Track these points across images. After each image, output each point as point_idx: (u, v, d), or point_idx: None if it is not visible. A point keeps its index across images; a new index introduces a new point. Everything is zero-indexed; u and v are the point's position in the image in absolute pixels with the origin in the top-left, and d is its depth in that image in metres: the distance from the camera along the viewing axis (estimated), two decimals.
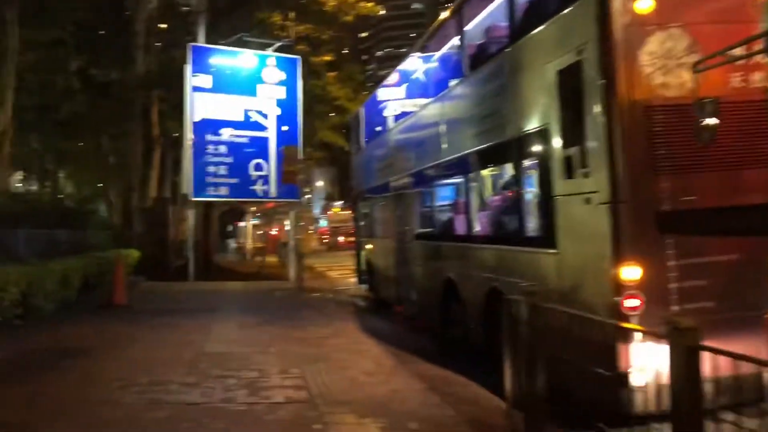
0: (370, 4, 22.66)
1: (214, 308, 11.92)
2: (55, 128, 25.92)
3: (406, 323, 10.35)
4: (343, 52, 33.90)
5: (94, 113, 23.94)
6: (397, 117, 11.32)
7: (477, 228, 7.27)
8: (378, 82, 13.69)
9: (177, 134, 20.47)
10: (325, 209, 61.35)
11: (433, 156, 8.46)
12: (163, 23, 23.16)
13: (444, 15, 8.54)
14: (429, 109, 8.92)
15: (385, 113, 12.15)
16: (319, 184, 63.86)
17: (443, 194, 8.82)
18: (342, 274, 22.77)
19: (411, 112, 10.14)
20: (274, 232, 40.31)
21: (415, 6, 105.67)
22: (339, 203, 55.79)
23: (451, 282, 7.91)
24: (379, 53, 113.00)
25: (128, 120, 22.27)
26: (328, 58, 26.92)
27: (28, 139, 28.79)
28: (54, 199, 14.11)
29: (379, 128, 12.64)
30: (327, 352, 7.75)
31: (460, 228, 7.79)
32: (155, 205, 23.47)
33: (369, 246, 13.40)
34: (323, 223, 58.47)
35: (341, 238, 44.47)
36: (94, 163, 26.54)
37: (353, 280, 19.60)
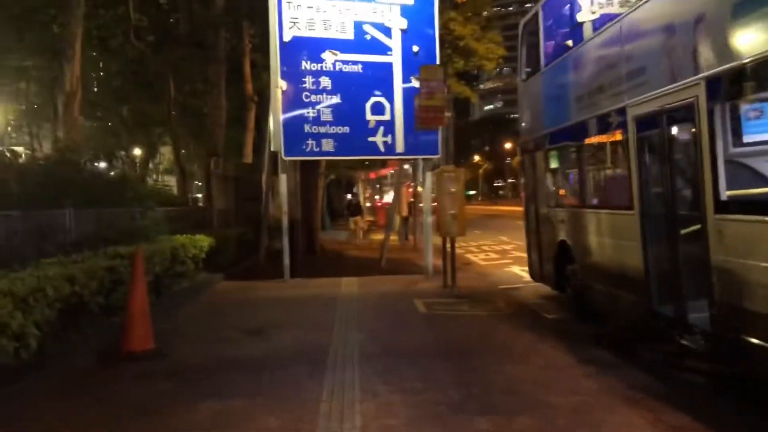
0: None
1: (320, 354, 6.29)
2: (139, 91, 22.45)
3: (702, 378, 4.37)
4: None
5: (172, 66, 19.54)
6: None
7: None
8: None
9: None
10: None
11: None
12: None
13: None
14: None
15: None
16: None
17: None
18: (488, 258, 16.76)
19: None
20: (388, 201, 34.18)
21: None
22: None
23: None
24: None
25: (211, 67, 17.59)
26: None
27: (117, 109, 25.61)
28: (60, 159, 8.82)
29: None
30: None
31: None
32: (246, 172, 18.48)
33: (564, 221, 7.46)
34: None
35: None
36: (178, 126, 22.25)
37: (514, 269, 13.78)
